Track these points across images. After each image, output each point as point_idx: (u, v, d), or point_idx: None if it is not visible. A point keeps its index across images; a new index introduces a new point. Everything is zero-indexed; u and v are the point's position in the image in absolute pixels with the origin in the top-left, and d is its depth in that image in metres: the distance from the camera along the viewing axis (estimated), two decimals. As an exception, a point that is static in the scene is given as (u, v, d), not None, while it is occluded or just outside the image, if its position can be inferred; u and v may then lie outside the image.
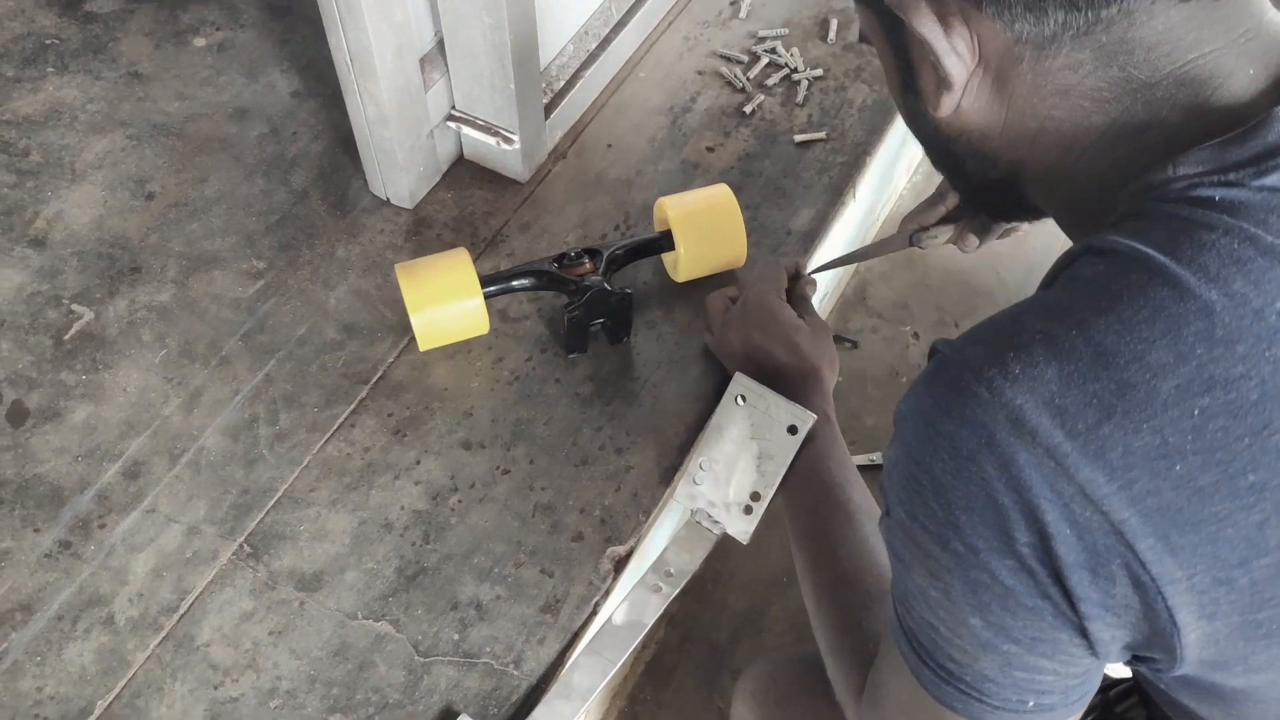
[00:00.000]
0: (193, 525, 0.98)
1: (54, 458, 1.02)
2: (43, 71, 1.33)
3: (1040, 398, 0.49)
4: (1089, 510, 0.49)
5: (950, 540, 0.53)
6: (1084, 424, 0.48)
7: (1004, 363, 0.50)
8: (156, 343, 1.10)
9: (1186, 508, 0.48)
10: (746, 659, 1.25)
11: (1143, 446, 0.48)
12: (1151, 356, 0.48)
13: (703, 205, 1.10)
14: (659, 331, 1.11)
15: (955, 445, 0.51)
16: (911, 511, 0.55)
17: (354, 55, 1.05)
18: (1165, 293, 0.49)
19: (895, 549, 0.58)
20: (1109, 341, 0.49)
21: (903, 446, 0.55)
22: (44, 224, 1.19)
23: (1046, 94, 0.58)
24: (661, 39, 1.38)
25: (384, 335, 1.10)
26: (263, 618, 0.94)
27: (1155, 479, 0.48)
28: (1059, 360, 0.49)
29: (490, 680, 0.91)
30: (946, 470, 0.52)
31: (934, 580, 0.55)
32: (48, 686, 0.90)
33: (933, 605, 0.56)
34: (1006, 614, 0.53)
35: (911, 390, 0.55)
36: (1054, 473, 0.49)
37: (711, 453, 1.01)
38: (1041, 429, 0.49)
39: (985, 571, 0.52)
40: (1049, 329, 0.50)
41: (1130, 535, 0.49)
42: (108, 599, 0.94)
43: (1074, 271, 0.54)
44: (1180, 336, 0.48)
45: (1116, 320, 0.49)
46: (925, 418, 0.53)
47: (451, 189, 1.22)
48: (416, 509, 0.99)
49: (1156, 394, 0.48)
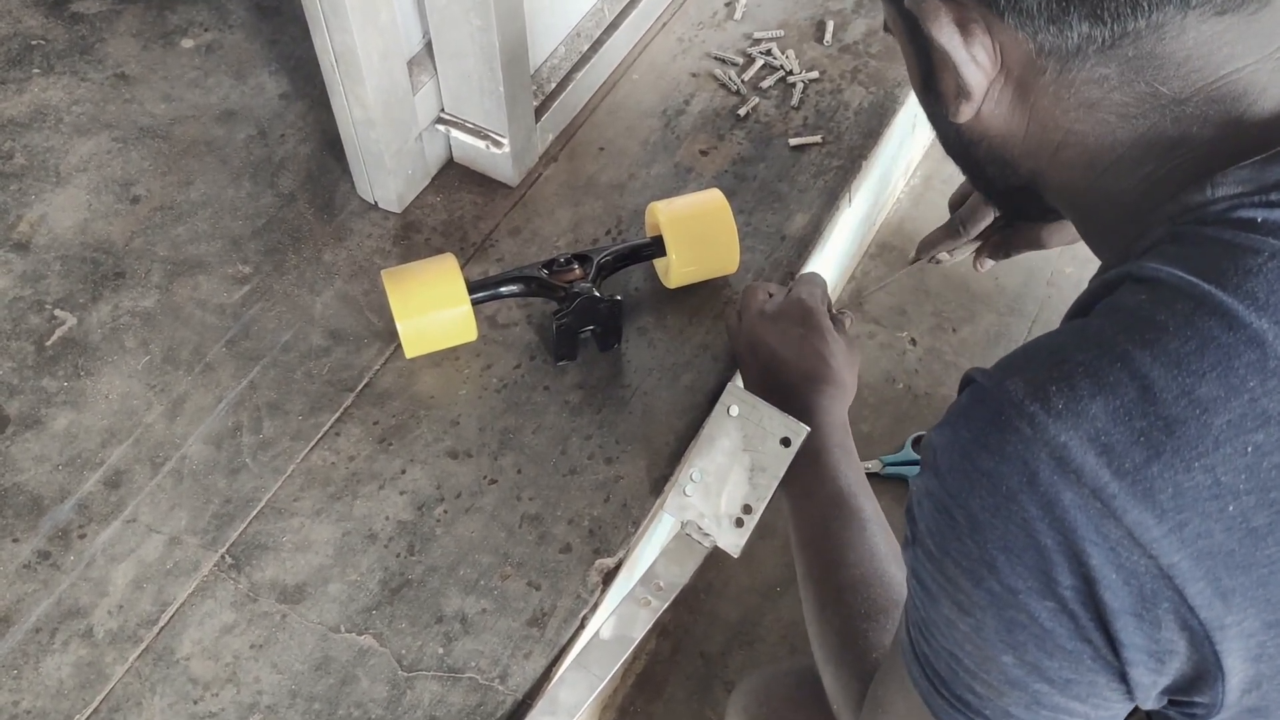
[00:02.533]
0: (174, 536, 0.97)
1: (34, 466, 1.00)
2: (28, 73, 1.31)
3: (1085, 434, 0.47)
4: (1137, 554, 0.46)
5: (985, 578, 0.50)
6: (1131, 463, 0.46)
7: (1046, 396, 0.48)
8: (140, 349, 1.08)
9: (1238, 550, 0.46)
10: (739, 671, 1.23)
11: (1194, 486, 0.46)
12: (1201, 391, 0.46)
13: (695, 210, 1.08)
14: (650, 339, 1.09)
15: (995, 483, 0.49)
16: (943, 546, 0.52)
17: (339, 57, 1.03)
18: (1213, 323, 0.47)
19: (921, 579, 0.56)
20: (1155, 375, 0.46)
21: (936, 479, 0.53)
22: (27, 228, 1.17)
23: (1069, 107, 0.56)
24: (655, 40, 1.36)
25: (370, 342, 1.09)
26: (244, 630, 0.92)
27: (1207, 520, 0.46)
28: (1104, 395, 0.47)
29: (475, 695, 0.89)
30: (985, 508, 0.49)
31: (964, 615, 0.53)
32: (24, 700, 0.88)
33: (959, 639, 0.54)
34: (1043, 654, 0.50)
35: (946, 422, 0.53)
36: (1100, 514, 0.46)
37: (703, 464, 0.99)
38: (1087, 468, 0.46)
39: (1023, 612, 0.50)
40: (1092, 361, 0.48)
41: (1180, 580, 0.46)
42: (87, 611, 0.93)
43: (1115, 301, 0.51)
44: (1231, 369, 0.46)
45: (1163, 353, 0.47)
46: (962, 452, 0.51)
47: (440, 193, 1.21)
48: (401, 519, 0.98)
49: (1208, 430, 0.46)
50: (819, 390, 0.93)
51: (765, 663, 1.23)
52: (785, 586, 1.28)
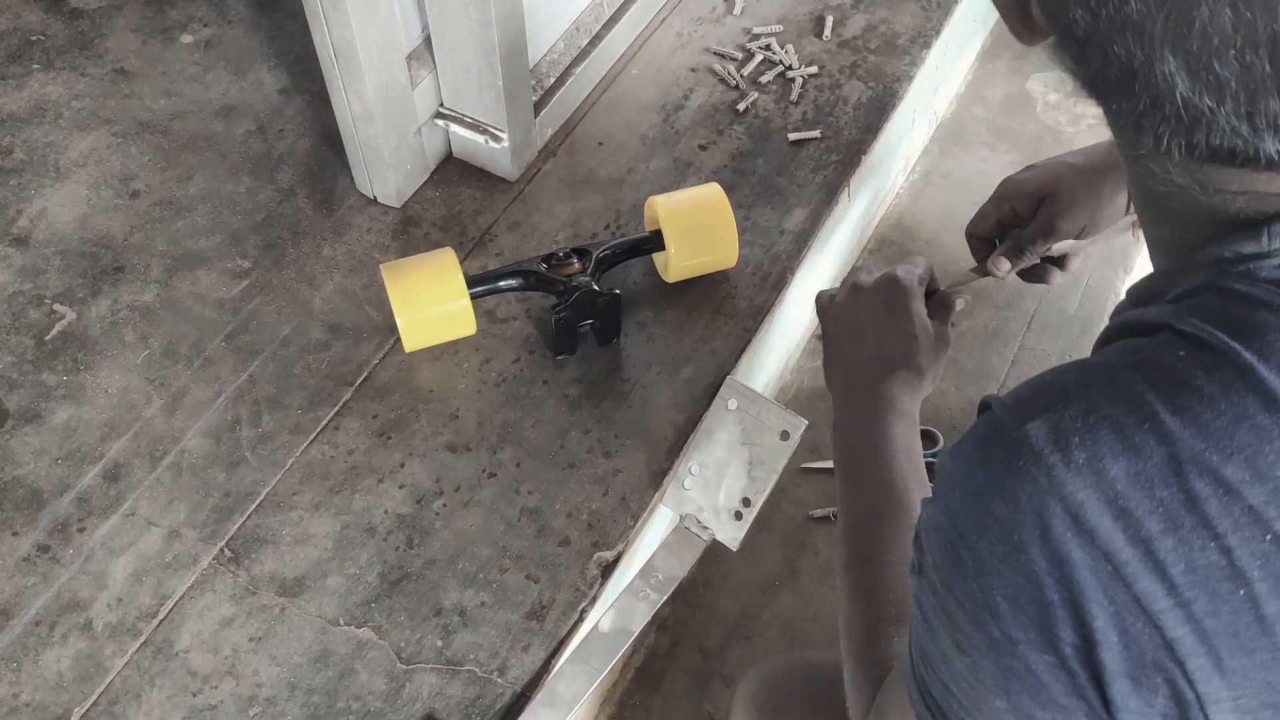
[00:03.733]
0: (173, 529, 0.97)
1: (33, 460, 1.01)
2: (28, 68, 1.31)
3: (1104, 495, 0.45)
4: (1141, 621, 0.45)
5: (987, 623, 0.49)
6: (1147, 532, 0.45)
7: (1068, 448, 0.46)
8: (139, 343, 1.08)
9: (1244, 633, 0.45)
10: (737, 665, 1.23)
11: (1207, 565, 0.45)
12: (1228, 471, 0.44)
13: (694, 205, 1.08)
14: (649, 333, 1.09)
15: (1005, 529, 0.47)
16: (948, 583, 0.51)
17: (338, 52, 1.03)
18: (1250, 401, 0.45)
19: (924, 611, 0.55)
20: (1183, 446, 0.45)
21: (947, 514, 0.51)
22: (27, 223, 1.17)
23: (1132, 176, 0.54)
24: (654, 35, 1.36)
25: (369, 336, 1.09)
26: (243, 624, 0.92)
27: (1216, 600, 0.45)
28: (1128, 456, 0.45)
29: (474, 688, 0.89)
30: (993, 553, 0.48)
31: (961, 655, 0.52)
32: (24, 693, 0.89)
33: (955, 675, 0.53)
34: (1036, 706, 0.49)
35: (960, 451, 0.51)
36: (1110, 578, 0.45)
37: (701, 457, 0.99)
38: (1102, 530, 0.45)
39: (1021, 662, 0.49)
40: (1119, 416, 0.46)
41: (1182, 653, 0.46)
42: (86, 604, 0.93)
43: (1152, 351, 0.49)
44: (1261, 453, 0.44)
45: (1193, 422, 0.45)
46: (975, 492, 0.49)
47: (439, 187, 1.21)
48: (400, 513, 0.98)
49: (1228, 512, 0.44)
50: (890, 374, 0.88)
51: (764, 657, 1.23)
52: (784, 581, 1.28)
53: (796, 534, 1.31)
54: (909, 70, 1.32)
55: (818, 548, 1.31)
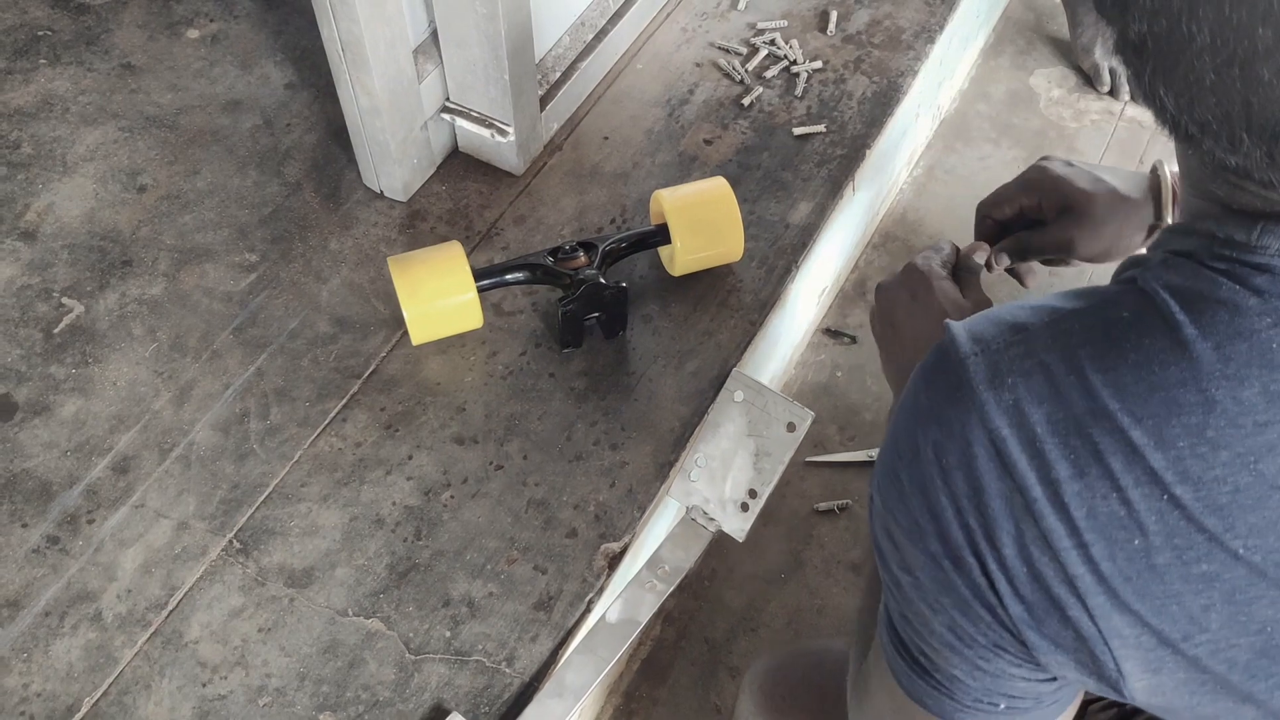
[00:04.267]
0: (182, 521, 0.97)
1: (42, 452, 1.01)
2: (35, 63, 1.32)
3: (1025, 435, 0.49)
4: (1046, 555, 0.49)
5: (917, 539, 0.53)
6: (1057, 474, 0.48)
7: (1000, 387, 0.50)
8: (147, 336, 1.09)
9: (1136, 579, 0.48)
10: (743, 657, 1.24)
11: (1108, 513, 0.48)
12: (1135, 434, 0.47)
13: (699, 198, 1.08)
14: (655, 326, 1.10)
15: (936, 454, 0.51)
16: (888, 504, 0.55)
17: (346, 46, 1.04)
18: (1172, 373, 0.47)
19: (875, 537, 0.58)
20: (1101, 402, 0.48)
21: (892, 439, 0.55)
22: (35, 216, 1.18)
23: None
24: (659, 30, 1.36)
25: (377, 329, 1.09)
26: (252, 614, 0.93)
27: (1112, 546, 0.48)
28: (1051, 403, 0.49)
29: (482, 678, 0.90)
30: (924, 475, 0.52)
31: (904, 573, 0.55)
32: (34, 683, 0.89)
33: (907, 597, 0.56)
34: (967, 621, 0.53)
35: (915, 376, 0.55)
36: (1021, 511, 0.49)
37: (708, 449, 1.00)
38: (1019, 466, 0.49)
39: (947, 577, 0.52)
40: (1053, 363, 0.49)
41: (1082, 589, 0.49)
42: (96, 595, 0.93)
43: (1101, 304, 0.51)
44: (1168, 423, 0.47)
45: (1114, 383, 0.48)
46: (917, 416, 0.53)
47: (446, 181, 1.21)
48: (408, 505, 0.98)
49: (1130, 469, 0.47)
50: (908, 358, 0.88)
51: (769, 649, 1.24)
52: (789, 573, 1.29)
53: (802, 526, 1.32)
54: (913, 65, 1.33)
55: (823, 540, 1.31)
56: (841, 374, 1.45)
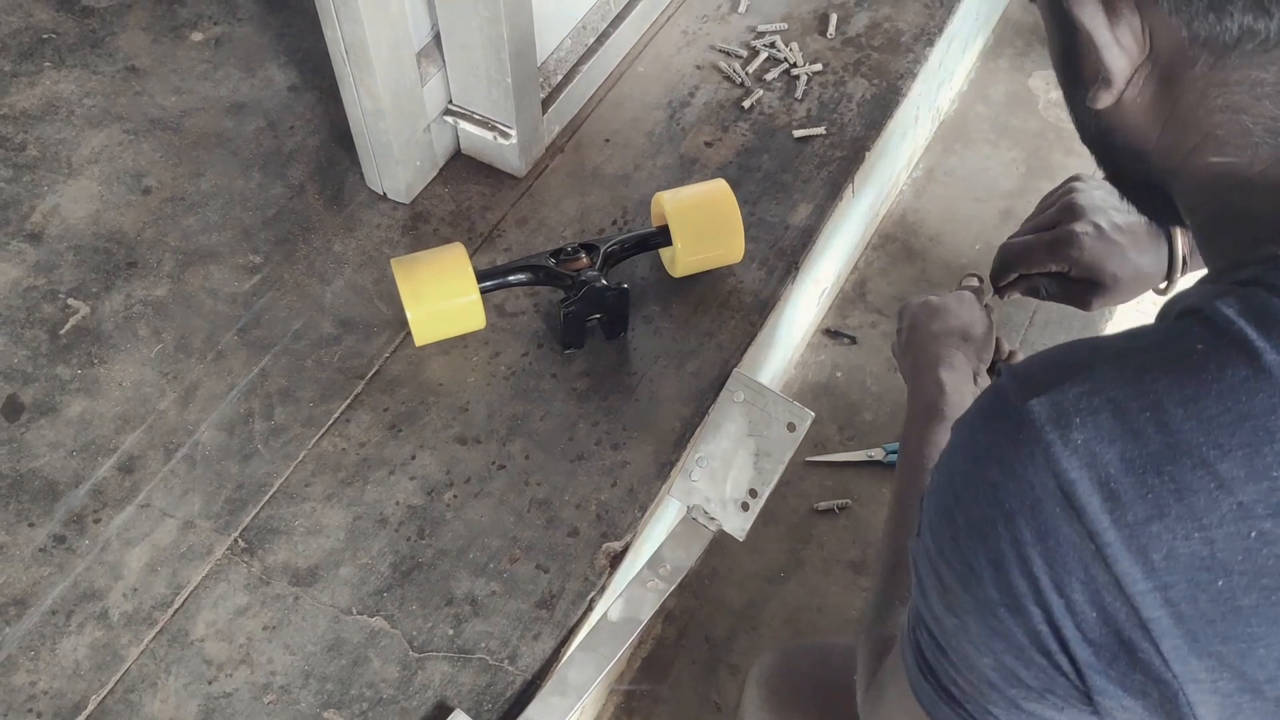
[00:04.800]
0: (187, 520, 0.98)
1: (49, 452, 1.02)
2: (40, 66, 1.32)
3: (1096, 476, 0.46)
4: (1119, 601, 0.47)
5: (972, 585, 0.51)
6: (1134, 516, 0.46)
7: (1068, 427, 0.47)
8: (152, 337, 1.09)
9: (1219, 621, 0.46)
10: (744, 655, 1.24)
11: (1189, 554, 0.45)
12: (1222, 466, 0.45)
13: (700, 200, 1.09)
14: (656, 326, 1.11)
15: (998, 497, 0.49)
16: (939, 544, 0.53)
17: (349, 49, 1.05)
18: (1260, 400, 0.45)
19: (919, 571, 0.56)
20: (1182, 436, 0.45)
21: (945, 477, 0.53)
22: (40, 218, 1.19)
23: (1214, 108, 0.52)
24: (660, 33, 1.37)
25: (380, 330, 1.10)
26: (257, 612, 0.93)
27: (1194, 588, 0.46)
28: (1124, 440, 0.46)
29: (485, 676, 0.90)
30: (984, 518, 0.49)
31: (950, 614, 0.53)
32: (41, 681, 0.90)
33: (947, 635, 0.54)
34: (1020, 664, 0.51)
35: (967, 418, 0.53)
36: (1092, 556, 0.46)
37: (709, 449, 1.01)
38: (1090, 509, 0.46)
39: (1003, 624, 0.50)
40: (1122, 399, 0.47)
41: (1157, 633, 0.47)
42: (102, 594, 0.94)
43: (1171, 337, 0.49)
44: (1259, 452, 0.44)
45: (1196, 415, 0.45)
46: (974, 458, 0.51)
47: (448, 184, 1.22)
48: (412, 504, 0.99)
49: (1216, 506, 0.45)
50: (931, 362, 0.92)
51: (774, 644, 1.24)
52: (790, 571, 1.30)
53: (802, 526, 1.33)
54: (912, 68, 1.34)
55: (823, 539, 1.32)
56: (841, 374, 1.46)
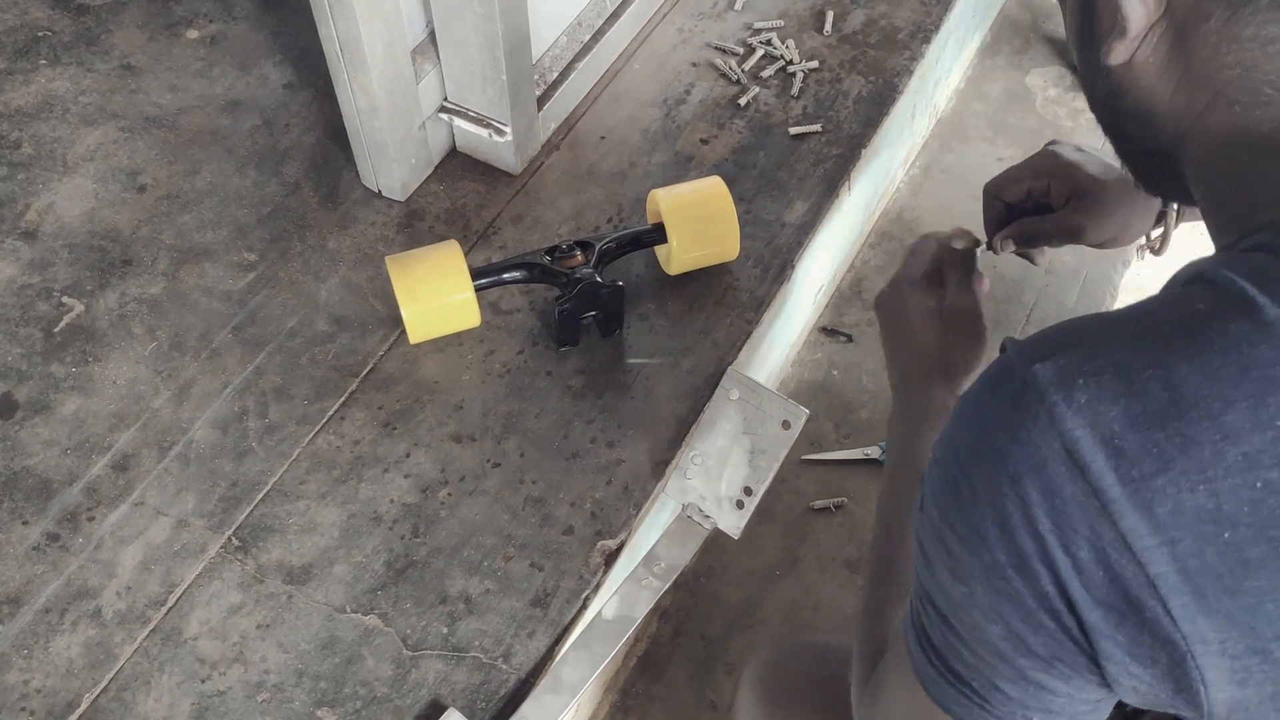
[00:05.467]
0: (181, 518, 0.98)
1: (43, 450, 1.02)
2: (35, 63, 1.32)
3: (1100, 434, 0.46)
4: (1125, 558, 0.47)
5: (979, 549, 0.51)
6: (1139, 471, 0.46)
7: (1071, 388, 0.47)
8: (147, 335, 1.09)
9: (1227, 575, 0.46)
10: (739, 653, 1.24)
11: (1194, 507, 0.45)
12: (1227, 418, 0.45)
13: (695, 198, 1.09)
14: (651, 324, 1.10)
15: (1002, 461, 0.49)
16: (945, 513, 0.53)
17: (344, 46, 1.04)
18: (1263, 352, 0.45)
19: (923, 545, 0.56)
20: (1187, 390, 0.45)
21: (949, 447, 0.53)
22: (35, 216, 1.19)
23: (1226, 64, 0.52)
24: (656, 31, 1.37)
25: (375, 328, 1.10)
26: (251, 611, 0.93)
27: (1200, 541, 0.46)
28: (1128, 398, 0.46)
29: (479, 674, 0.90)
30: (988, 483, 0.50)
31: (957, 583, 0.53)
32: (34, 680, 0.90)
33: (954, 606, 0.54)
34: (1028, 629, 0.51)
35: (972, 390, 0.53)
36: (1097, 513, 0.47)
37: (703, 447, 1.01)
38: (1094, 467, 0.46)
39: (1010, 586, 0.50)
40: (1127, 360, 0.47)
41: (1165, 590, 0.46)
42: (95, 592, 0.94)
43: (1174, 300, 0.50)
44: (1263, 403, 0.45)
45: (1201, 369, 0.46)
46: (978, 425, 0.51)
47: (443, 181, 1.22)
48: (406, 502, 0.99)
49: (1222, 457, 0.45)
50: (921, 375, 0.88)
51: (767, 644, 1.24)
52: (785, 569, 1.30)
53: (797, 524, 1.32)
54: (909, 65, 1.33)
55: (819, 537, 1.32)
56: (838, 372, 1.45)
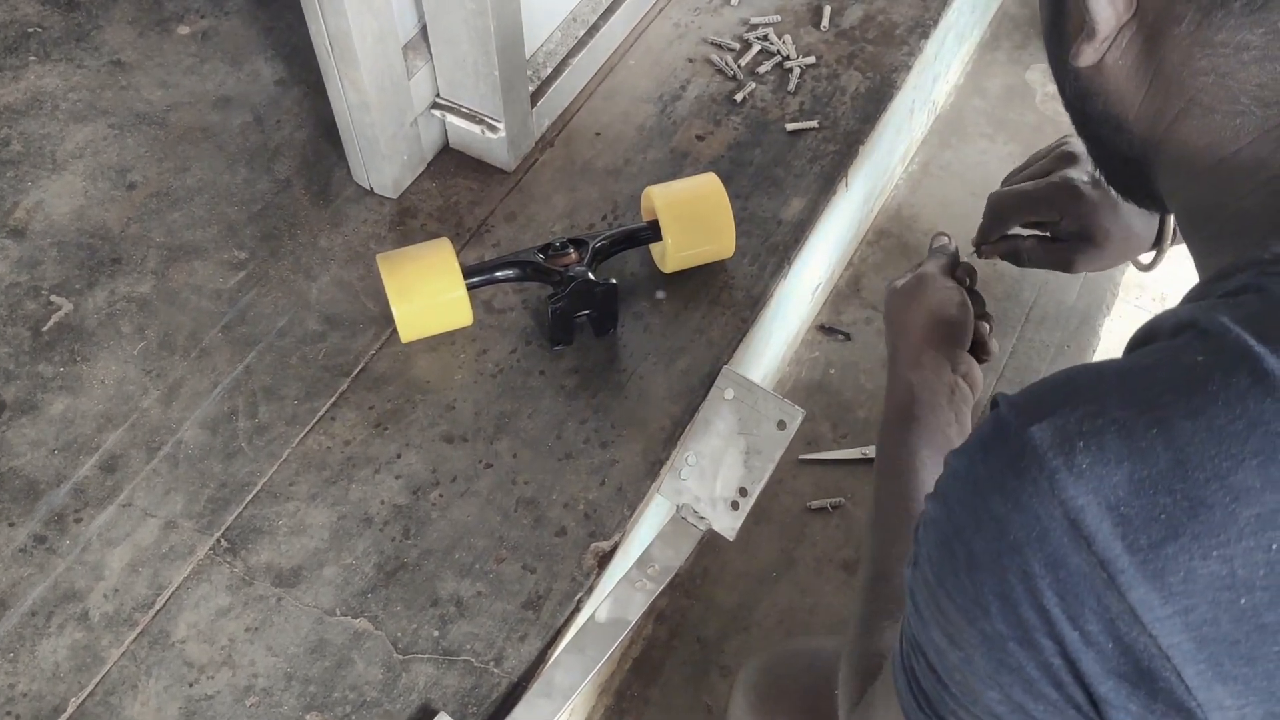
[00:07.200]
0: (170, 520, 0.97)
1: (30, 450, 1.01)
2: (24, 60, 1.31)
3: (1105, 502, 0.44)
4: (1136, 630, 0.44)
5: (977, 619, 0.49)
6: (1147, 539, 0.44)
7: (1071, 452, 0.45)
8: (135, 334, 1.08)
9: (1244, 642, 0.44)
10: (735, 655, 1.23)
11: (1208, 574, 0.43)
12: (1236, 478, 0.43)
13: (690, 195, 1.08)
14: (646, 323, 1.09)
15: (1003, 529, 0.47)
16: (940, 577, 0.50)
17: (334, 41, 1.03)
18: (1268, 406, 0.43)
19: (916, 602, 0.54)
20: (1191, 451, 0.43)
21: (944, 508, 0.51)
22: (24, 214, 1.17)
23: (1199, 70, 0.50)
24: (651, 26, 1.36)
25: (366, 327, 1.09)
26: (239, 614, 0.92)
27: (1215, 609, 0.44)
28: (1131, 461, 0.44)
29: (470, 678, 0.89)
30: (987, 551, 0.47)
31: (954, 647, 0.51)
32: (20, 683, 0.89)
33: (948, 667, 0.52)
34: (1029, 698, 0.49)
35: (966, 448, 0.50)
36: (1105, 585, 0.44)
37: (698, 447, 0.99)
38: (1100, 537, 0.44)
39: (1012, 658, 0.48)
40: (1127, 419, 0.45)
41: (1179, 660, 0.44)
42: (82, 594, 0.93)
43: (1169, 354, 0.47)
44: (1273, 460, 0.43)
45: (1205, 427, 0.43)
46: (976, 489, 0.48)
47: (436, 178, 1.21)
48: (397, 503, 0.98)
49: (1233, 520, 0.43)
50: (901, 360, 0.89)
51: (761, 648, 1.23)
52: (781, 572, 1.28)
53: (794, 525, 1.31)
54: (907, 61, 1.32)
55: (815, 538, 1.31)
56: (835, 371, 1.44)
